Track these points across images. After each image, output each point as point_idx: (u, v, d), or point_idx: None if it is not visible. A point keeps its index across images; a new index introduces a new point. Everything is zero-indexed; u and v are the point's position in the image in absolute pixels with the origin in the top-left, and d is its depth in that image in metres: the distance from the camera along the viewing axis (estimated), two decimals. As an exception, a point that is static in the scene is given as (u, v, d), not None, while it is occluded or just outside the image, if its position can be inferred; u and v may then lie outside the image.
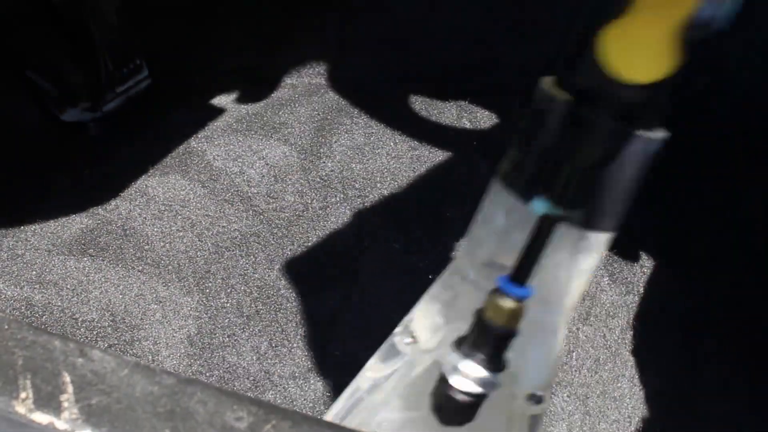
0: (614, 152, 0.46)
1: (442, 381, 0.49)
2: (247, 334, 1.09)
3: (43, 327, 1.04)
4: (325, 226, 1.24)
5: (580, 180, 0.47)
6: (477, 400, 0.49)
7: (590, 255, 0.52)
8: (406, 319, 0.59)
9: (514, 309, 0.47)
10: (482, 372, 0.48)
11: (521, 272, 0.48)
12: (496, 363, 0.48)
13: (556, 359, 0.58)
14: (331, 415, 0.61)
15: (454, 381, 0.48)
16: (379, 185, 1.30)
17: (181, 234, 1.20)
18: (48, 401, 0.37)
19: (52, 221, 1.20)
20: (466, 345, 0.49)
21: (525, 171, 0.49)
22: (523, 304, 0.48)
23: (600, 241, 0.52)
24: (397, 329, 0.59)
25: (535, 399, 0.56)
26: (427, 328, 0.57)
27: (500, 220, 0.52)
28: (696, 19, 0.41)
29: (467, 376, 0.48)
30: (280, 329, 1.10)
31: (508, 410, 0.55)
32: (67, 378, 0.38)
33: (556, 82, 0.49)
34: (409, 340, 0.58)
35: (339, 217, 1.25)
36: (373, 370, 0.60)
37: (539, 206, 0.47)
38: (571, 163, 0.47)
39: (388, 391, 0.57)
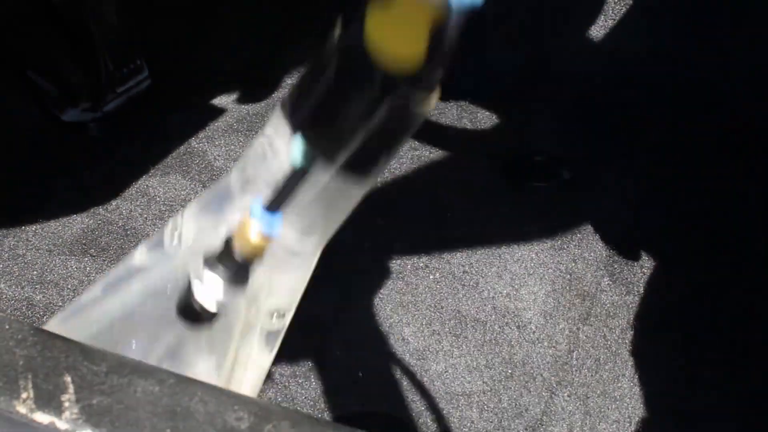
0: (368, 117, 0.47)
1: (188, 288, 0.52)
2: (247, 334, 1.09)
3: (43, 327, 1.04)
4: (325, 226, 1.24)
5: (335, 138, 0.48)
6: (215, 312, 0.52)
7: (348, 197, 0.55)
8: (179, 215, 0.62)
9: (258, 244, 0.50)
10: (222, 290, 0.51)
11: (274, 203, 0.50)
12: (237, 281, 0.52)
13: (306, 284, 0.61)
14: (100, 285, 0.63)
15: (197, 292, 0.51)
16: (379, 185, 1.30)
17: (181, 234, 1.20)
18: (49, 401, 0.37)
19: (52, 221, 1.20)
20: (213, 260, 0.52)
21: (298, 110, 0.50)
22: (268, 240, 0.50)
23: (357, 190, 0.54)
24: (170, 222, 0.62)
25: (277, 315, 0.60)
26: (191, 230, 0.60)
27: (277, 144, 0.53)
28: (451, 5, 0.42)
29: (209, 291, 0.51)
30: (280, 329, 1.10)
31: (247, 321, 0.59)
32: (68, 378, 0.38)
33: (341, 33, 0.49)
34: (176, 237, 0.60)
35: (339, 217, 1.25)
36: (141, 254, 0.63)
37: (296, 156, 0.48)
38: (328, 120, 0.48)
39: (147, 282, 0.61)
